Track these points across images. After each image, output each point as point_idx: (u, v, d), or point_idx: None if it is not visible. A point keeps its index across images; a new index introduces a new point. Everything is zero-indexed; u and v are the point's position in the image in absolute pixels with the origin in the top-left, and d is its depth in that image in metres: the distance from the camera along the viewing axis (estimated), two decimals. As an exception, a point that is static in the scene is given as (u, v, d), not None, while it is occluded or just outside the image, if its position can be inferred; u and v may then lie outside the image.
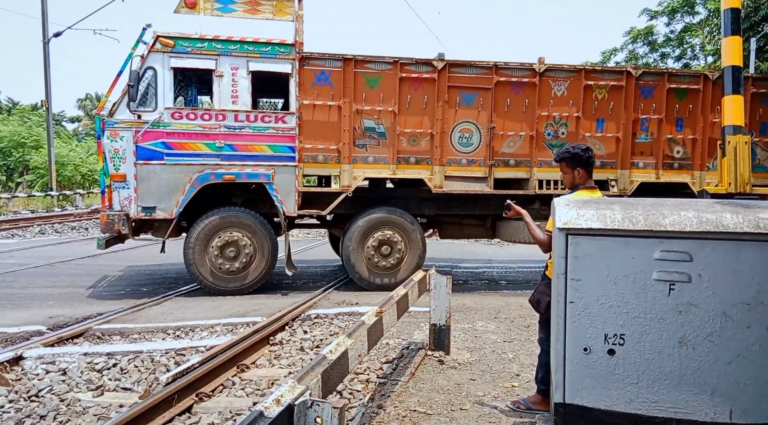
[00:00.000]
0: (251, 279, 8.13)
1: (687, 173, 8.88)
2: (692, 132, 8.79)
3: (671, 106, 8.71)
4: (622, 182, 8.68)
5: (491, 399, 4.24)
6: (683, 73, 8.92)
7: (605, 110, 8.59)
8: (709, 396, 2.70)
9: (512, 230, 8.61)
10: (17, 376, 4.94)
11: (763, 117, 8.92)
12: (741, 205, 2.82)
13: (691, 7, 29.25)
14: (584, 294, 2.80)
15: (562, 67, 8.44)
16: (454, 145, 8.34)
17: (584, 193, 3.71)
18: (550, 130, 8.50)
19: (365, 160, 8.18)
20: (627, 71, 8.57)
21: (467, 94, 8.31)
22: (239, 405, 4.29)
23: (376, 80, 8.09)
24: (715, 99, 8.67)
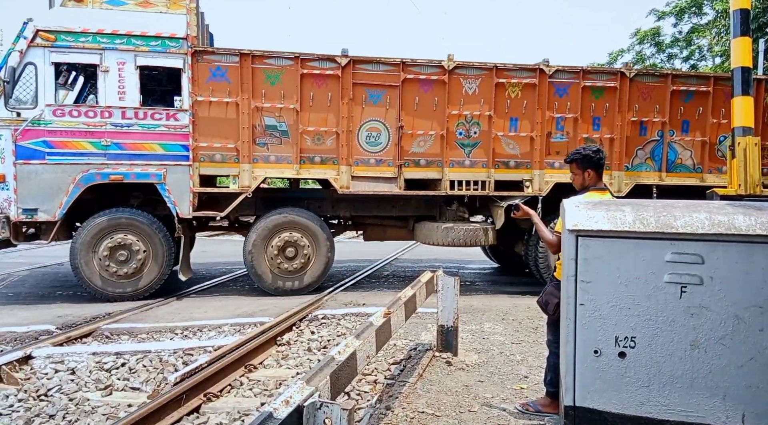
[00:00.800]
0: (144, 285, 7.76)
1: (605, 173, 8.58)
2: (610, 131, 8.58)
3: (587, 105, 8.49)
4: (536, 182, 8.44)
5: (500, 401, 4.23)
6: (599, 70, 8.72)
7: (519, 109, 8.37)
8: (721, 399, 2.68)
9: (426, 232, 8.49)
10: (26, 375, 4.97)
11: (685, 115, 8.71)
12: (753, 206, 2.79)
13: (698, 8, 29.11)
14: (594, 297, 2.79)
15: (472, 64, 8.20)
16: (361, 145, 8.09)
17: (594, 194, 3.69)
18: (461, 130, 8.27)
19: (266, 160, 7.89)
20: (540, 69, 8.31)
21: (374, 92, 8.06)
22: (247, 406, 4.30)
23: (276, 76, 7.81)
24: (633, 97, 8.54)
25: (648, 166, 8.71)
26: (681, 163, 8.78)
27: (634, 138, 8.61)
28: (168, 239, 7.84)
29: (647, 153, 8.69)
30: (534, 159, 8.41)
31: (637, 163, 8.66)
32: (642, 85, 8.58)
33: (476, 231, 8.38)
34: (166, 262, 7.84)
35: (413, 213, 8.87)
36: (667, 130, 8.62)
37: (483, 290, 8.85)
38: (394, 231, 9.17)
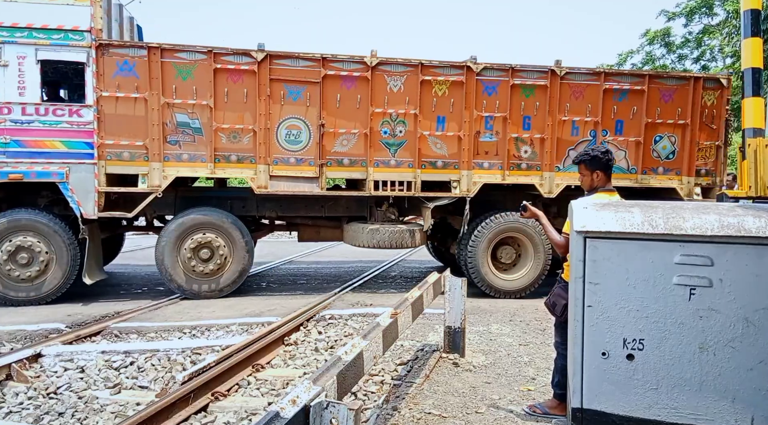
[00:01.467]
0: (48, 289, 7.43)
1: (536, 174, 8.33)
2: (540, 131, 8.27)
3: (517, 104, 8.19)
4: (464, 183, 8.14)
5: (507, 402, 4.21)
6: (529, 68, 8.23)
7: (446, 107, 8.05)
8: (730, 402, 2.66)
9: (352, 233, 8.30)
10: (36, 373, 5.01)
11: (618, 114, 8.42)
12: (763, 209, 2.77)
13: (709, 9, 28.92)
14: (603, 298, 2.78)
15: (397, 61, 7.86)
16: (280, 143, 7.75)
17: (603, 195, 3.68)
18: (386, 128, 7.95)
19: (179, 158, 7.54)
20: (467, 66, 7.97)
21: (294, 88, 7.71)
22: (254, 405, 4.31)
23: (188, 71, 7.46)
24: (564, 95, 8.25)
25: None
26: (615, 164, 8.50)
27: (565, 138, 8.34)
28: (74, 241, 7.52)
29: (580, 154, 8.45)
30: (462, 159, 8.13)
31: (569, 164, 8.30)
32: (574, 83, 8.29)
33: (402, 233, 8.18)
34: (72, 265, 7.51)
35: (344, 214, 8.65)
36: (600, 130, 8.34)
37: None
38: (328, 232, 8.93)
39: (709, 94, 8.59)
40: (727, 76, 8.68)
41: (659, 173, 8.58)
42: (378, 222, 8.40)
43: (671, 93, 8.49)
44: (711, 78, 8.69)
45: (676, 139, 8.56)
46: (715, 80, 8.64)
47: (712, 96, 8.60)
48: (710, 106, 8.60)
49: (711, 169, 8.73)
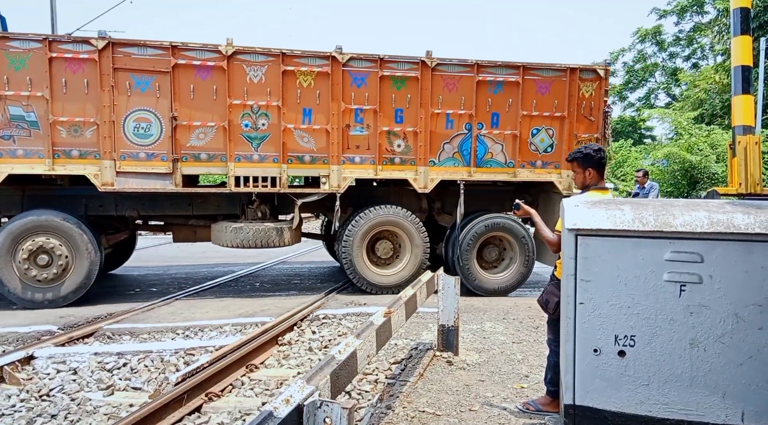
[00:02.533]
0: None
1: (410, 168, 8.05)
2: (413, 124, 7.98)
3: (388, 96, 7.88)
4: (334, 178, 7.82)
5: (500, 400, 4.23)
6: (399, 59, 7.87)
7: (312, 99, 7.69)
8: (721, 398, 2.68)
9: (216, 232, 7.98)
10: (28, 375, 4.98)
11: (494, 107, 8.17)
12: (752, 205, 2.79)
13: (700, 7, 29.11)
14: (594, 295, 2.79)
15: (255, 50, 7.47)
16: (128, 137, 7.27)
17: (595, 193, 3.70)
18: (247, 121, 7.55)
19: (13, 154, 7.03)
20: (332, 56, 7.64)
21: (141, 79, 7.26)
22: (248, 405, 4.31)
23: (22, 61, 6.96)
24: (436, 88, 7.98)
25: (456, 161, 8.16)
26: (492, 157, 8.26)
27: (440, 131, 8.08)
28: None
29: (455, 147, 8.14)
30: (331, 153, 7.78)
31: (445, 158, 8.13)
32: (446, 75, 8.00)
33: (268, 232, 7.87)
34: None
35: (215, 212, 8.30)
36: (476, 123, 8.11)
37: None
38: (204, 232, 8.44)
39: (587, 86, 8.36)
40: (605, 67, 8.45)
41: (538, 167, 8.40)
42: (248, 220, 8.10)
43: (548, 85, 8.27)
44: (588, 69, 8.40)
45: (554, 132, 8.37)
46: (592, 71, 8.39)
47: (590, 87, 8.37)
48: (588, 97, 8.38)
49: None
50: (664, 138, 26.95)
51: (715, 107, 22.39)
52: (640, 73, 34.50)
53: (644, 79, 34.80)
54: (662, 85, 33.99)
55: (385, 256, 8.43)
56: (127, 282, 9.10)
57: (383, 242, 8.40)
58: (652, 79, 34.87)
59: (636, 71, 34.61)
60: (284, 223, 8.15)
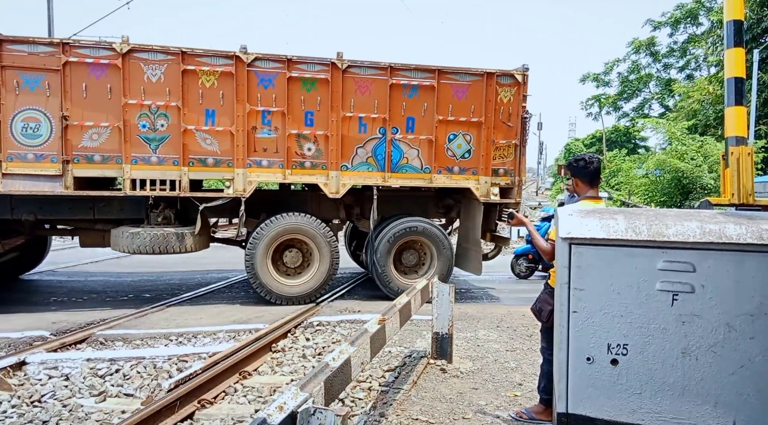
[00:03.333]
0: None
1: (321, 173, 7.83)
2: (324, 128, 7.73)
3: (297, 98, 7.64)
4: (239, 182, 7.55)
5: (494, 408, 4.23)
6: (308, 60, 7.63)
7: (215, 100, 7.43)
8: (712, 407, 2.69)
9: (114, 238, 7.69)
10: (20, 381, 4.95)
11: (409, 111, 7.94)
12: (744, 216, 2.82)
13: (694, 18, 29.39)
14: (587, 304, 2.81)
15: (153, 48, 7.21)
16: (16, 137, 6.98)
17: (587, 203, 3.72)
18: (145, 122, 7.26)
19: None
20: (236, 56, 7.39)
21: (30, 77, 6.97)
22: (241, 412, 4.29)
23: None
24: (348, 90, 7.74)
25: (370, 166, 7.94)
26: (407, 163, 8.06)
27: (352, 135, 7.85)
28: None
29: (369, 152, 7.92)
30: (236, 156, 7.52)
31: (358, 163, 7.90)
32: (359, 77, 7.78)
33: (167, 237, 7.56)
34: None
35: (118, 216, 7.98)
36: (390, 128, 7.88)
37: (478, 298, 8.86)
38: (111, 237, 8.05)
39: (506, 91, 8.17)
40: (522, 72, 8.21)
41: (455, 172, 8.20)
42: (150, 225, 7.80)
43: (465, 90, 8.06)
44: (506, 74, 8.18)
45: (472, 138, 8.17)
46: (510, 76, 8.17)
47: (508, 92, 8.18)
48: (507, 103, 8.20)
49: (510, 169, 8.36)
50: (658, 148, 27.12)
51: (708, 118, 22.57)
52: (634, 83, 34.76)
53: (638, 89, 35.06)
54: (656, 96, 34.25)
55: (294, 265, 8.11)
56: (120, 288, 9.06)
57: (292, 251, 8.09)
58: (646, 90, 35.14)
59: (630, 81, 34.87)
60: (187, 229, 7.79)
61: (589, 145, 39.65)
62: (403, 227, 8.22)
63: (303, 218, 7.96)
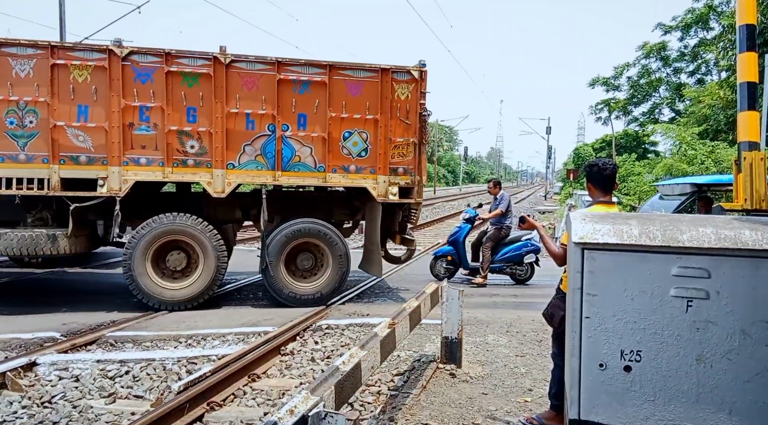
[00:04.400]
0: None
1: (205, 171, 7.54)
2: (208, 124, 7.47)
3: (178, 93, 7.38)
4: (114, 181, 7.24)
5: (503, 413, 4.21)
6: (189, 54, 7.39)
7: (88, 95, 7.17)
8: (727, 414, 2.66)
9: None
10: (31, 382, 4.98)
11: (300, 108, 7.70)
12: (760, 221, 2.79)
13: (705, 23, 29.22)
14: (600, 310, 2.78)
15: (20, 42, 7.00)
16: None
17: (599, 208, 3.70)
18: (13, 118, 7.03)
19: None
20: (110, 49, 7.15)
21: None
22: (250, 415, 4.29)
23: None
24: (233, 86, 7.50)
25: (260, 164, 7.68)
26: (300, 161, 7.81)
27: (239, 132, 7.58)
28: None
29: (257, 149, 7.66)
30: (111, 154, 7.22)
31: (246, 161, 7.63)
32: (244, 72, 7.54)
33: (37, 239, 7.20)
34: None
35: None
36: (280, 125, 7.65)
37: (487, 302, 8.82)
38: None
39: (403, 88, 7.92)
40: (419, 68, 7.97)
41: (351, 171, 7.94)
42: (25, 227, 7.50)
43: (359, 86, 7.83)
44: (402, 70, 7.93)
45: (368, 136, 7.92)
46: (406, 73, 7.93)
47: (406, 89, 7.93)
48: (405, 100, 7.94)
49: (410, 168, 8.06)
50: (668, 153, 26.97)
51: (719, 123, 22.40)
52: (644, 87, 34.58)
53: (649, 93, 34.88)
54: (666, 100, 34.05)
55: (179, 268, 7.76)
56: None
57: (176, 253, 7.75)
58: (656, 94, 34.94)
59: (640, 86, 34.70)
60: (60, 230, 7.40)
61: (598, 150, 39.47)
62: (294, 229, 7.90)
63: (186, 219, 7.61)
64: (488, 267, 9.89)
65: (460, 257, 10.10)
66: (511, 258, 10.04)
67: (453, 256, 10.15)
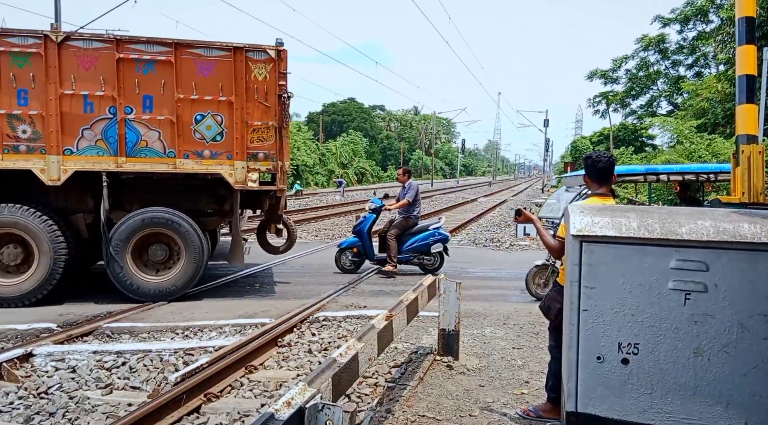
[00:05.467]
0: None
1: (38, 157, 7.06)
2: (41, 107, 7.00)
3: (6, 75, 6.93)
4: None
5: (500, 406, 4.22)
6: (17, 33, 6.95)
7: None
8: (724, 407, 2.66)
9: None
10: (27, 373, 4.97)
11: (145, 89, 7.24)
12: (759, 215, 2.78)
13: (704, 16, 29.16)
14: (598, 302, 2.78)
15: None
16: None
17: (596, 200, 3.70)
18: None
19: None
20: None
21: None
22: (247, 407, 4.29)
23: None
24: (68, 66, 7.04)
25: (101, 150, 7.19)
26: (147, 146, 7.31)
27: (76, 115, 7.09)
28: None
29: (98, 134, 7.16)
30: None
31: (85, 146, 7.14)
32: (80, 51, 7.06)
33: None
34: None
35: None
36: (122, 107, 7.16)
37: (484, 295, 8.83)
38: None
39: (260, 68, 7.48)
40: (277, 47, 7.53)
41: (206, 157, 7.47)
42: None
43: (211, 66, 7.38)
44: (258, 49, 7.48)
45: (224, 119, 7.46)
46: (263, 52, 7.48)
47: (263, 70, 7.48)
48: (262, 81, 7.50)
49: (271, 153, 7.60)
50: (666, 146, 26.98)
51: (717, 116, 22.40)
52: (642, 80, 34.54)
53: (647, 86, 34.84)
54: (665, 93, 34.03)
55: (13, 263, 7.28)
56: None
57: (11, 247, 7.26)
58: (654, 87, 34.91)
59: (639, 79, 34.66)
60: None
61: (596, 143, 39.48)
62: (139, 219, 7.44)
63: (15, 210, 7.14)
64: (396, 256, 9.72)
65: (366, 248, 9.89)
66: (418, 248, 9.89)
67: (359, 248, 9.94)
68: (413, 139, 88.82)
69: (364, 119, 77.67)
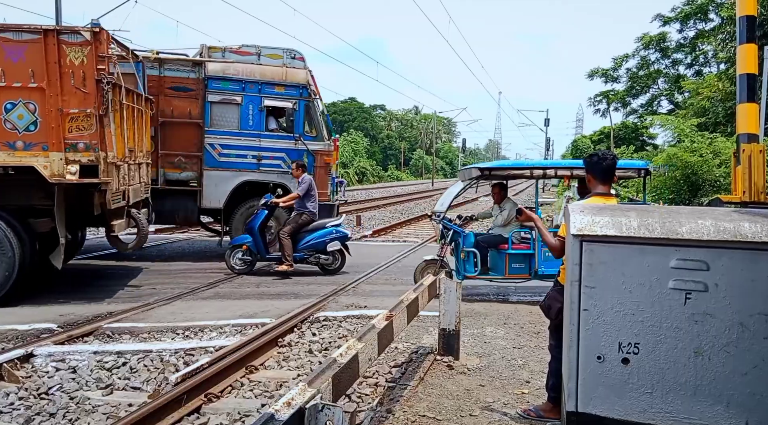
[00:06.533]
0: None
1: None
2: None
3: None
4: None
5: (501, 405, 4.21)
6: None
7: None
8: (725, 407, 2.66)
9: None
10: (27, 374, 4.97)
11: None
12: (759, 214, 2.78)
13: (704, 14, 29.12)
14: (598, 302, 2.78)
15: None
16: None
17: (597, 199, 3.69)
18: None
19: None
20: None
21: None
22: (248, 407, 4.29)
23: None
24: None
25: None
26: None
27: None
28: None
29: None
30: None
31: None
32: None
33: None
34: None
35: None
36: None
37: (484, 294, 8.82)
38: None
39: (76, 52, 6.88)
40: (92, 29, 7.00)
41: (19, 148, 6.89)
42: None
43: (20, 50, 6.84)
44: (72, 31, 6.96)
45: (37, 107, 6.88)
46: (78, 34, 6.90)
47: (80, 53, 6.88)
48: (80, 65, 6.90)
49: (92, 143, 6.96)
50: (666, 145, 26.94)
51: (718, 115, 22.36)
52: (643, 79, 34.50)
53: (647, 85, 34.81)
54: (665, 92, 33.99)
55: None
56: (127, 281, 9.07)
57: None
58: (655, 86, 34.87)
59: (639, 77, 34.62)
60: None
61: (597, 142, 39.44)
62: None
63: None
64: (291, 255, 9.34)
65: (258, 246, 9.42)
66: (313, 246, 9.50)
67: (250, 246, 9.46)
68: (414, 139, 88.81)
69: (364, 119, 77.64)
